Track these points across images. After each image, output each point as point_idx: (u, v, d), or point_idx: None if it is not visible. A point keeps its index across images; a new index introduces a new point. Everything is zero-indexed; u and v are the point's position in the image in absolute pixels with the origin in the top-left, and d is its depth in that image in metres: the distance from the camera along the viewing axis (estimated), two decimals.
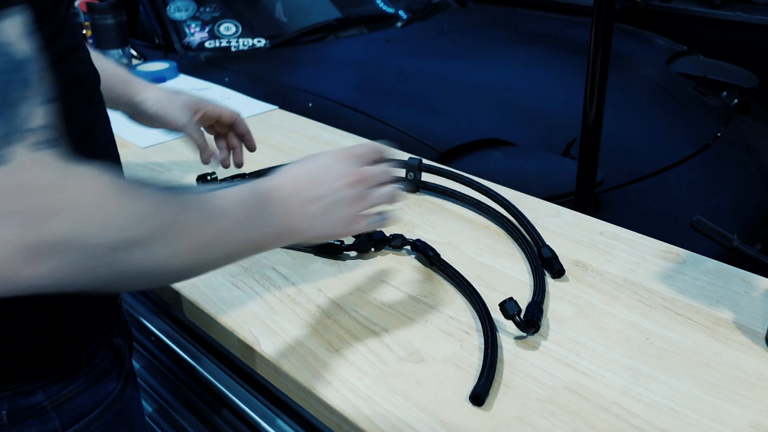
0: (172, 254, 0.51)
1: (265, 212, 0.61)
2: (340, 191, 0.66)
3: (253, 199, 0.60)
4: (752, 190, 1.79)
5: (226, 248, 0.57)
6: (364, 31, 2.34)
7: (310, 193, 0.64)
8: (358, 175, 0.67)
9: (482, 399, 0.62)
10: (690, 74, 2.19)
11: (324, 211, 0.65)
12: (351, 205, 0.66)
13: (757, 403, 0.62)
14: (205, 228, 0.54)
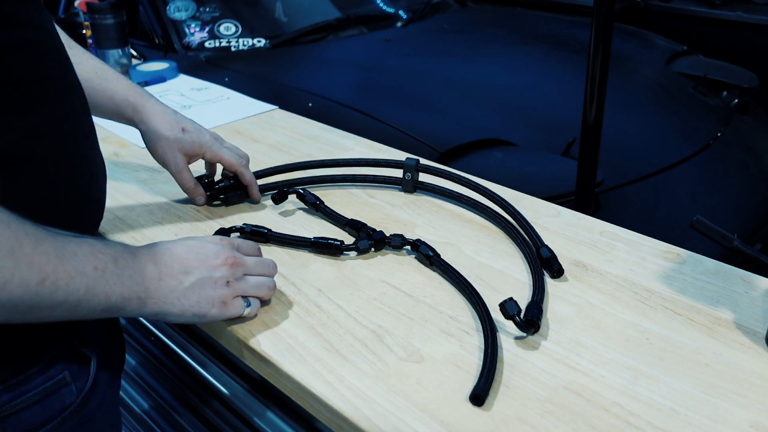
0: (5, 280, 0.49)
1: (130, 267, 0.59)
2: (216, 269, 0.66)
3: (121, 251, 0.59)
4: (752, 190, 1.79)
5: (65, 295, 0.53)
6: (364, 31, 2.34)
7: (185, 264, 0.64)
8: (235, 258, 0.68)
9: (482, 399, 0.62)
10: (690, 74, 2.19)
11: (197, 286, 0.65)
12: (224, 287, 0.67)
13: (757, 403, 0.62)
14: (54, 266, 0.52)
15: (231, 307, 0.68)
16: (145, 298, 0.61)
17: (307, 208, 0.98)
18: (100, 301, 0.57)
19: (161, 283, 0.62)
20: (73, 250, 0.54)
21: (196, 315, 0.65)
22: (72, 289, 0.54)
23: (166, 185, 1.03)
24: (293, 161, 1.08)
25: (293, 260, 0.86)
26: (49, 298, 0.52)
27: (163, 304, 0.63)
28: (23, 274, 0.50)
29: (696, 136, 1.87)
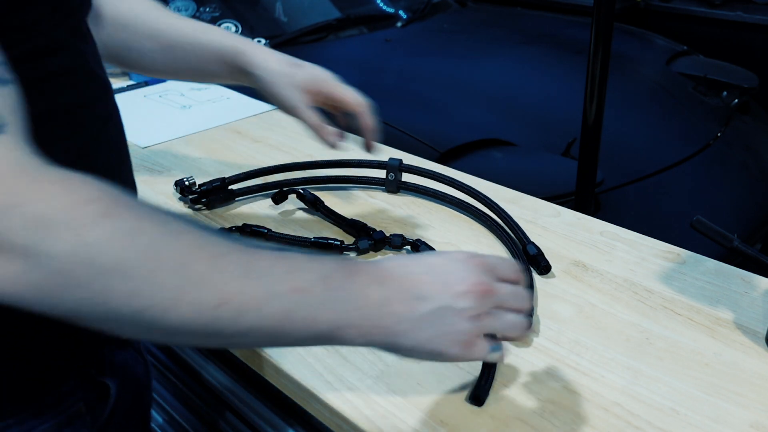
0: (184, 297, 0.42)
1: (344, 289, 0.48)
2: (460, 297, 0.51)
3: (333, 269, 0.48)
4: (752, 190, 1.79)
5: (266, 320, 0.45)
6: (364, 31, 2.34)
7: (421, 287, 0.51)
8: (487, 286, 0.53)
9: (482, 399, 0.62)
10: (690, 74, 2.19)
11: (434, 316, 0.50)
12: (470, 321, 0.52)
13: (757, 403, 0.62)
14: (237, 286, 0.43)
15: (475, 348, 0.53)
16: (366, 326, 0.49)
17: (307, 208, 0.98)
18: (304, 328, 0.46)
19: (386, 309, 0.49)
20: (265, 268, 0.45)
21: (430, 352, 0.51)
22: (263, 315, 0.44)
23: (167, 186, 1.03)
24: (293, 161, 1.08)
25: None
26: (233, 324, 0.44)
27: (390, 335, 0.50)
28: (194, 294, 0.42)
29: (696, 136, 1.87)
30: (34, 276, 0.38)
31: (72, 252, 0.38)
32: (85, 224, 0.39)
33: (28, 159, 0.39)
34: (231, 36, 0.86)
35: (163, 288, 0.41)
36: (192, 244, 0.43)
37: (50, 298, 0.39)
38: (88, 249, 0.39)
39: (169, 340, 0.46)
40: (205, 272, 0.42)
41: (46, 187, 0.38)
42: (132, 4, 0.84)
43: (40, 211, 0.38)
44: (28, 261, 0.38)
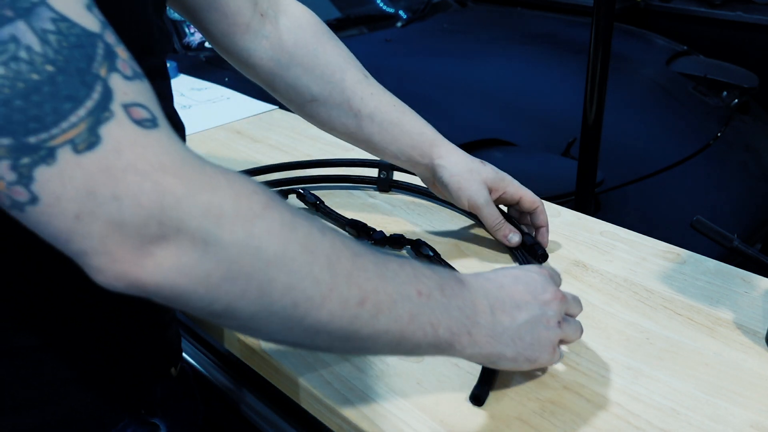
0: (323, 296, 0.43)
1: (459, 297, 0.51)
2: (548, 305, 0.57)
3: (447, 278, 0.51)
4: (752, 190, 1.79)
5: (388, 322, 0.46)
6: (364, 31, 2.34)
7: (516, 297, 0.55)
8: (561, 294, 0.59)
9: (482, 399, 0.62)
10: (690, 74, 2.19)
11: (530, 324, 0.56)
12: (553, 329, 0.58)
13: (757, 403, 0.62)
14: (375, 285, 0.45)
15: (556, 354, 0.59)
16: (476, 334, 0.52)
17: (308, 208, 0.98)
18: (426, 333, 0.49)
19: (494, 318, 0.53)
20: (394, 270, 0.47)
21: (528, 360, 0.57)
22: (395, 316, 0.46)
23: None
24: (293, 161, 1.08)
25: None
26: (370, 323, 0.45)
27: (497, 345, 0.54)
28: (342, 291, 0.43)
29: (696, 136, 1.87)
30: (206, 266, 0.39)
31: (242, 242, 0.39)
32: (251, 215, 0.40)
33: (189, 152, 0.39)
34: (425, 123, 0.85)
35: (317, 282, 0.42)
36: (336, 241, 0.45)
37: (215, 289, 0.40)
38: (255, 240, 0.40)
39: (309, 340, 0.45)
40: (351, 269, 0.44)
41: (213, 179, 0.39)
42: (330, 57, 0.81)
43: (214, 201, 0.38)
44: (203, 249, 0.38)
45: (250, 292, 0.41)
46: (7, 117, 0.35)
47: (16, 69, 0.35)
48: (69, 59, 0.36)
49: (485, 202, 0.81)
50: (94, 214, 0.36)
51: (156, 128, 0.38)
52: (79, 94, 0.36)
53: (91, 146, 0.36)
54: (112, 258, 0.37)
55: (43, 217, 0.36)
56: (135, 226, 0.36)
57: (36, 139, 0.35)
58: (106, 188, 0.36)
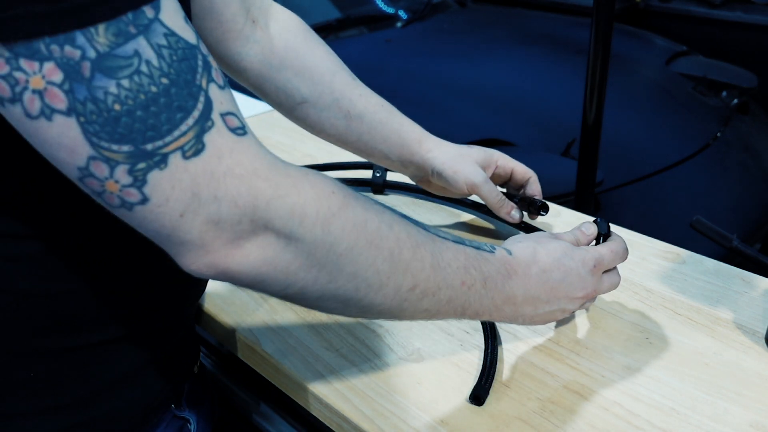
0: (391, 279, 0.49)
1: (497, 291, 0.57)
2: (574, 302, 0.64)
3: (495, 274, 0.57)
4: (752, 190, 1.80)
5: (434, 304, 0.53)
6: (364, 31, 2.35)
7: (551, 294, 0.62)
8: (594, 293, 0.65)
9: (482, 399, 0.62)
10: (690, 74, 2.19)
11: (549, 312, 0.63)
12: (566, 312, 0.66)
13: (757, 403, 0.62)
14: (427, 274, 0.51)
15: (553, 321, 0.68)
16: (496, 316, 0.60)
17: None
18: (456, 312, 0.56)
19: (519, 308, 0.60)
20: (448, 261, 0.53)
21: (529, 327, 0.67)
22: (436, 299, 0.53)
23: None
24: (293, 161, 1.07)
25: None
26: (415, 304, 0.52)
27: (509, 321, 0.62)
28: (398, 279, 0.50)
29: (696, 136, 1.87)
30: (286, 257, 0.44)
31: (319, 238, 0.45)
32: (328, 215, 0.45)
33: (274, 157, 0.44)
34: (412, 122, 0.87)
35: (378, 272, 0.48)
36: (401, 233, 0.50)
37: (292, 276, 0.45)
38: (330, 236, 0.45)
39: (360, 315, 0.53)
40: (408, 260, 0.50)
41: (297, 182, 0.44)
42: (318, 61, 0.82)
43: (298, 202, 0.43)
44: (286, 244, 0.44)
45: (320, 279, 0.46)
46: (129, 126, 0.38)
47: (139, 82, 0.38)
48: (179, 72, 0.39)
49: (483, 180, 0.83)
50: (196, 213, 0.40)
51: (246, 135, 0.43)
52: (187, 104, 0.39)
53: (198, 153, 0.40)
54: (206, 250, 0.42)
55: (150, 215, 0.40)
56: (230, 224, 0.41)
57: (152, 146, 0.38)
58: (209, 190, 0.40)
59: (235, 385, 0.88)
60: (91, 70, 0.37)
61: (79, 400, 0.56)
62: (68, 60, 0.36)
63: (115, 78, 0.37)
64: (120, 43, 0.37)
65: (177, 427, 0.66)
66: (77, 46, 0.36)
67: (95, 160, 0.38)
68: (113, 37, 0.37)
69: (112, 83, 0.37)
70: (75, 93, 0.37)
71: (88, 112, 0.37)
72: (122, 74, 0.37)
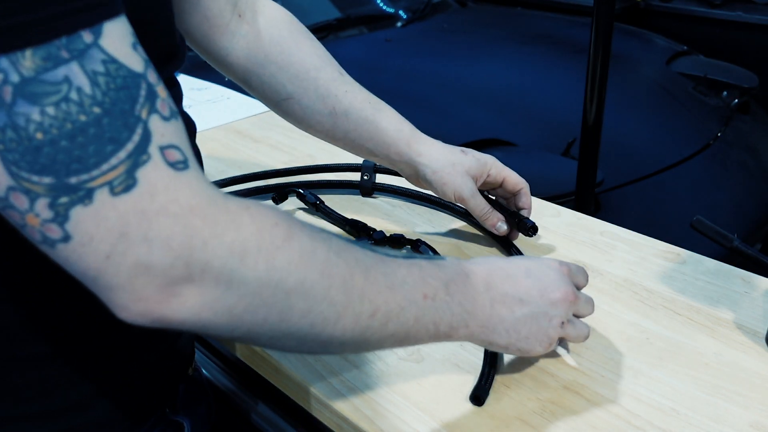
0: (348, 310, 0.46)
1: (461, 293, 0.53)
2: (555, 305, 0.58)
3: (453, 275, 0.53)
4: (752, 190, 1.79)
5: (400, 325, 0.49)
6: (364, 31, 2.35)
7: (522, 291, 0.57)
8: (573, 296, 0.60)
9: (482, 399, 0.62)
10: (690, 74, 2.19)
11: (530, 319, 0.57)
12: (554, 327, 0.59)
13: (757, 403, 0.62)
14: (386, 297, 0.48)
15: (549, 348, 0.61)
16: (473, 326, 0.55)
17: (308, 208, 0.98)
18: (428, 330, 0.52)
19: (492, 311, 0.55)
20: (403, 277, 0.50)
21: (519, 350, 0.59)
22: (402, 321, 0.49)
23: None
24: (293, 161, 1.08)
25: None
26: (380, 331, 0.48)
27: (491, 333, 0.56)
28: (355, 307, 0.46)
29: (696, 136, 1.87)
30: (229, 301, 0.41)
31: (264, 276, 0.41)
32: (273, 248, 0.42)
33: (215, 191, 0.41)
34: (402, 119, 0.85)
35: (333, 304, 0.45)
36: (351, 259, 0.47)
37: (237, 319, 0.42)
38: (276, 272, 0.42)
39: (322, 350, 0.49)
40: (363, 286, 0.47)
41: (237, 217, 0.41)
42: (304, 56, 0.81)
43: (237, 239, 0.40)
44: (227, 286, 0.40)
45: (270, 319, 0.43)
46: (52, 157, 0.35)
47: (66, 110, 0.35)
48: (115, 101, 0.37)
49: (471, 194, 0.81)
50: (124, 255, 0.37)
51: (187, 169, 0.39)
52: (121, 136, 0.37)
53: (128, 189, 0.37)
54: (137, 297, 0.38)
55: (73, 255, 0.37)
56: (163, 268, 0.38)
57: (76, 180, 0.36)
58: (138, 230, 0.37)
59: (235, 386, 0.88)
60: (12, 95, 0.34)
61: (70, 406, 0.55)
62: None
63: (39, 104, 0.35)
64: (48, 68, 0.35)
65: (171, 430, 0.65)
66: (0, 69, 0.34)
67: (14, 191, 0.36)
68: (41, 61, 0.35)
69: (35, 110, 0.35)
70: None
71: (8, 140, 0.35)
72: (47, 101, 0.35)
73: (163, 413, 0.64)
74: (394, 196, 1.01)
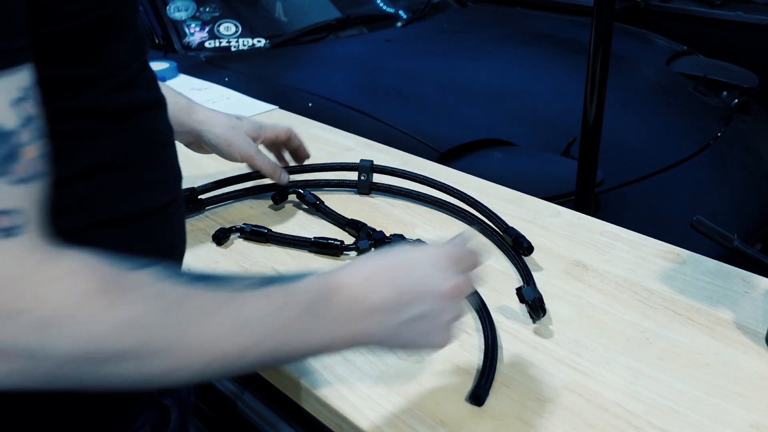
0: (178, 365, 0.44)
1: (329, 313, 0.50)
2: (442, 301, 0.53)
3: (316, 295, 0.50)
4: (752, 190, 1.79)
5: (258, 358, 0.48)
6: (364, 31, 2.34)
7: (402, 295, 0.52)
8: (459, 288, 0.55)
9: (482, 399, 0.62)
10: (690, 74, 2.19)
11: (415, 321, 0.53)
12: (444, 321, 0.54)
13: (757, 403, 0.62)
14: (231, 338, 0.45)
15: (447, 339, 0.55)
16: (349, 338, 0.52)
17: (307, 208, 0.98)
18: (298, 351, 0.50)
19: (369, 321, 0.51)
20: (254, 313, 0.47)
21: (408, 351, 0.59)
22: (261, 353, 0.47)
23: None
24: (293, 161, 1.07)
25: (293, 260, 0.86)
26: (227, 370, 0.47)
27: (373, 342, 0.53)
28: (189, 362, 0.44)
29: (696, 136, 1.87)
30: (37, 371, 0.40)
31: (77, 347, 0.40)
32: (92, 320, 0.40)
33: (39, 258, 0.39)
34: (178, 93, 0.90)
35: (163, 363, 0.43)
36: (189, 310, 0.44)
37: (52, 383, 0.41)
38: (94, 342, 0.40)
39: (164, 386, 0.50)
40: (200, 337, 0.44)
41: (55, 286, 0.39)
42: None
43: (48, 313, 0.38)
44: (29, 360, 0.39)
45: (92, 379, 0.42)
46: None
47: None
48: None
49: (255, 152, 0.92)
50: None
51: (15, 237, 0.38)
52: None
53: None
54: None
55: None
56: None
57: None
58: None
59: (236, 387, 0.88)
60: None
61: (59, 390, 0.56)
62: None
63: None
64: None
65: (159, 412, 0.66)
66: None
67: None
68: None
69: None
70: None
71: None
72: None
73: (150, 395, 0.65)
74: (393, 195, 1.01)
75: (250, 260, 0.86)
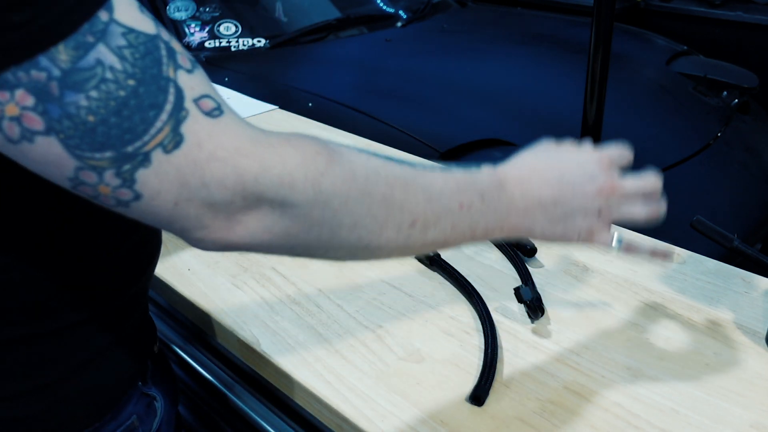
0: (380, 227, 0.50)
1: (497, 201, 0.56)
2: (590, 200, 0.59)
3: (488, 185, 0.57)
4: (752, 190, 1.79)
5: (435, 234, 0.53)
6: (364, 31, 2.34)
7: (556, 194, 0.58)
8: (613, 186, 0.60)
9: (482, 399, 0.62)
10: (690, 74, 2.19)
11: (565, 216, 0.59)
12: (595, 217, 0.60)
13: (757, 403, 0.62)
14: (424, 207, 0.52)
15: (598, 236, 0.61)
16: (508, 228, 0.58)
17: None
18: (465, 234, 0.55)
19: (527, 213, 0.58)
20: (440, 189, 0.53)
21: (558, 240, 0.61)
22: (440, 229, 0.53)
23: None
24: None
25: (293, 260, 0.86)
26: (420, 238, 0.53)
27: (526, 231, 0.59)
28: (396, 219, 0.50)
29: (696, 136, 1.87)
30: (285, 223, 0.46)
31: (312, 199, 0.46)
32: (317, 175, 0.46)
33: (253, 130, 0.45)
34: None
35: (375, 217, 0.49)
36: (390, 176, 0.50)
37: (293, 239, 0.47)
38: (323, 195, 0.46)
39: (370, 257, 0.54)
40: (402, 199, 0.51)
41: (282, 150, 0.45)
42: None
43: (285, 171, 0.44)
44: (281, 211, 0.45)
45: (323, 236, 0.48)
46: (107, 134, 0.39)
47: (106, 90, 0.38)
48: (144, 69, 0.39)
49: None
50: (189, 200, 0.42)
51: (223, 115, 0.43)
52: (158, 100, 0.40)
53: (177, 145, 0.40)
54: (208, 230, 0.44)
55: (147, 209, 0.42)
56: (223, 204, 0.43)
57: (133, 148, 0.40)
58: (195, 178, 0.41)
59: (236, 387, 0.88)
60: (59, 89, 0.37)
61: (48, 385, 0.58)
62: (36, 83, 0.37)
63: (83, 91, 0.38)
64: (81, 55, 0.37)
65: (145, 403, 0.67)
66: (42, 68, 0.37)
67: (82, 170, 0.40)
68: (73, 51, 0.37)
69: (81, 97, 0.38)
70: (49, 113, 0.38)
71: (66, 128, 0.38)
72: (89, 86, 0.38)
73: (137, 387, 0.66)
74: None
75: (250, 260, 0.86)
